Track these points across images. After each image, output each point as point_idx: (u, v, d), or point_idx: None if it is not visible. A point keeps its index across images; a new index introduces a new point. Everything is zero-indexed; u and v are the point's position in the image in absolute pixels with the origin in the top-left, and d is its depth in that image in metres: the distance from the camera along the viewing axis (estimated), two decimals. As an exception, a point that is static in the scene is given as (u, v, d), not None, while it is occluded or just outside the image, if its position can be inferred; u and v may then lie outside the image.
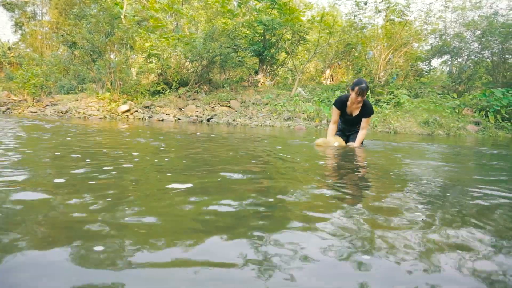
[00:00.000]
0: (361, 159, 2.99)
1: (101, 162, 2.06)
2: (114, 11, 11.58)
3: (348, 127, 4.34)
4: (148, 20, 13.41)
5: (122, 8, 12.06)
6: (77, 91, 12.93)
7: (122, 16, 11.94)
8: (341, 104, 4.12)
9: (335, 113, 4.20)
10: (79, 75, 13.70)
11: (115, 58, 12.23)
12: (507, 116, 10.05)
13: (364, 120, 4.08)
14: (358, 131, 4.17)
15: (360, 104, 4.01)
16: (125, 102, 11.23)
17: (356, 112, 4.11)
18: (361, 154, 3.35)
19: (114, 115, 10.71)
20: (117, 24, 11.64)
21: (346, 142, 4.28)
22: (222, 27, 12.64)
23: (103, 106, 11.25)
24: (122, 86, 12.04)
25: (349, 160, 2.85)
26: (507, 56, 13.81)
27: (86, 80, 12.97)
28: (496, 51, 13.80)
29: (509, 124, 9.84)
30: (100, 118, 9.97)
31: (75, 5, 15.78)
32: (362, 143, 4.18)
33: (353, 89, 3.86)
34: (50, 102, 11.66)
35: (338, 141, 4.03)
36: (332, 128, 4.22)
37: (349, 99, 4.01)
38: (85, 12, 11.90)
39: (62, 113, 10.48)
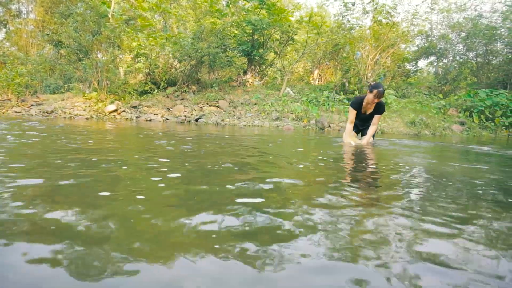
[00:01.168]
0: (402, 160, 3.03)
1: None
2: (101, 10, 11.43)
3: (361, 123, 4.79)
4: (136, 19, 13.28)
5: (109, 7, 11.91)
6: (63, 91, 12.73)
7: (109, 15, 11.80)
8: (358, 105, 4.54)
9: (352, 113, 4.58)
10: (65, 75, 13.49)
11: (102, 57, 12.08)
12: (490, 116, 10.24)
13: (376, 116, 4.52)
14: (370, 125, 4.63)
15: (374, 104, 4.44)
16: (112, 102, 11.10)
17: (370, 111, 4.56)
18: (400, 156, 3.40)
19: (101, 115, 10.58)
20: (104, 23, 11.49)
21: (361, 134, 4.90)
22: (210, 26, 12.59)
23: (89, 106, 11.10)
24: (109, 85, 11.89)
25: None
26: (491, 57, 14.08)
27: (73, 80, 12.76)
28: (481, 52, 14.07)
29: (492, 124, 10.03)
30: (87, 118, 9.84)
31: (61, 3, 15.52)
32: (373, 137, 4.76)
33: (371, 91, 4.29)
34: (35, 102, 11.46)
35: (355, 140, 4.53)
36: (350, 128, 4.62)
37: (365, 99, 4.44)
38: (71, 10, 11.72)
39: (48, 113, 10.32)
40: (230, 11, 13.42)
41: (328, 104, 11.16)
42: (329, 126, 9.17)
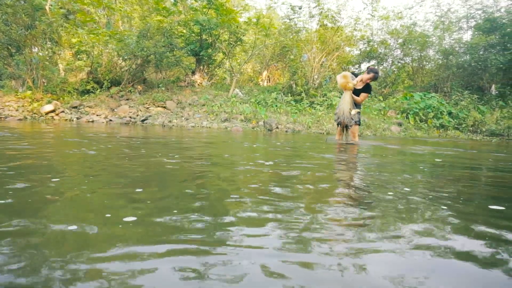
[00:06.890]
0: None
1: None
2: (35, 2, 10.57)
3: None
4: (75, 14, 12.50)
5: (45, -1, 11.05)
6: (-9, 89, 11.65)
7: (46, 8, 10.96)
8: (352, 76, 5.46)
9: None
10: (-6, 71, 12.35)
11: (37, 53, 11.22)
12: (424, 118, 11.06)
13: (362, 94, 5.49)
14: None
15: (365, 83, 5.43)
16: (49, 102, 10.38)
17: (359, 87, 5.51)
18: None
19: (36, 116, 9.87)
20: (39, 16, 10.66)
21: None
22: (157, 25, 12.22)
23: (23, 105, 10.30)
24: (46, 84, 11.10)
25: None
26: (424, 63, 15.25)
27: (3, 77, 11.70)
28: (416, 58, 15.16)
29: (425, 125, 10.84)
30: (20, 119, 9.13)
31: (-11, -8, 14.15)
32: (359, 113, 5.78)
33: (369, 73, 5.30)
34: (-42, 100, 10.38)
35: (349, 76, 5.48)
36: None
37: (359, 76, 5.42)
38: (0, 1, 10.71)
39: (-28, 114, 9.40)
40: (177, 10, 13.11)
41: (276, 106, 11.37)
42: (277, 128, 9.34)
